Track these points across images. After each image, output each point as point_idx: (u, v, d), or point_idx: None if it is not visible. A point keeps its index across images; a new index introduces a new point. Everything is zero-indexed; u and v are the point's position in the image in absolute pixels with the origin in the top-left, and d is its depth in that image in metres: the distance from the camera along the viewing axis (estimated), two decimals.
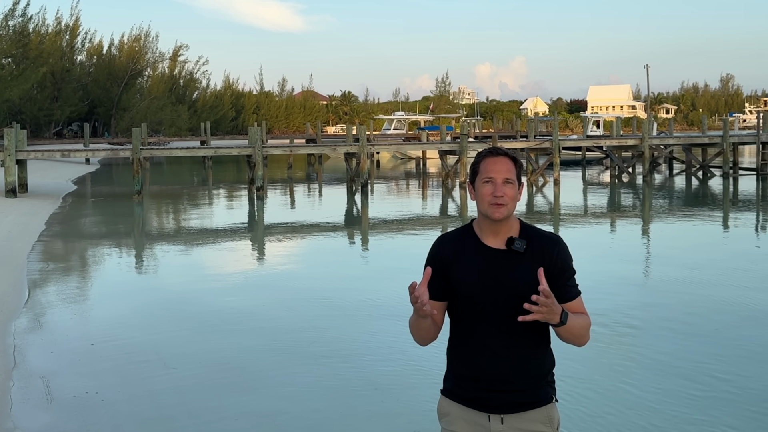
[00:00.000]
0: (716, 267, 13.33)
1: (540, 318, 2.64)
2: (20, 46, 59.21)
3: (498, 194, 2.79)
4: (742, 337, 8.63)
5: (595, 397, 6.75)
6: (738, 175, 34.73)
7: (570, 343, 2.84)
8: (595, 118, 61.36)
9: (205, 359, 8.03)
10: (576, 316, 2.79)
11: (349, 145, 32.89)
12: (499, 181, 2.80)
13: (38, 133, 63.85)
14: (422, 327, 2.85)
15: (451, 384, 2.92)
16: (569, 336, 2.78)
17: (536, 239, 2.84)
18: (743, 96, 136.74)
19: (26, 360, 8.01)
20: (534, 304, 2.61)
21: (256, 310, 10.32)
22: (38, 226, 19.63)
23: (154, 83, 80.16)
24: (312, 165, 49.21)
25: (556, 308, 2.65)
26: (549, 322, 2.68)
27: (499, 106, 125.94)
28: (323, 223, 21.39)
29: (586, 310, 2.88)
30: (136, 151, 27.97)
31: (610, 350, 8.09)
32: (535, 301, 2.60)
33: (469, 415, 2.85)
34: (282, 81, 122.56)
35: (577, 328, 2.78)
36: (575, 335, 2.79)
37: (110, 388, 7.10)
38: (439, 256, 2.89)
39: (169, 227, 21.84)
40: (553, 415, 2.88)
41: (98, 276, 13.94)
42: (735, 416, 6.30)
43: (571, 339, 2.80)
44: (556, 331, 2.76)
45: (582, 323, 2.81)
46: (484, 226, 2.87)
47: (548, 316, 2.65)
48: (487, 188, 2.81)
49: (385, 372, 7.52)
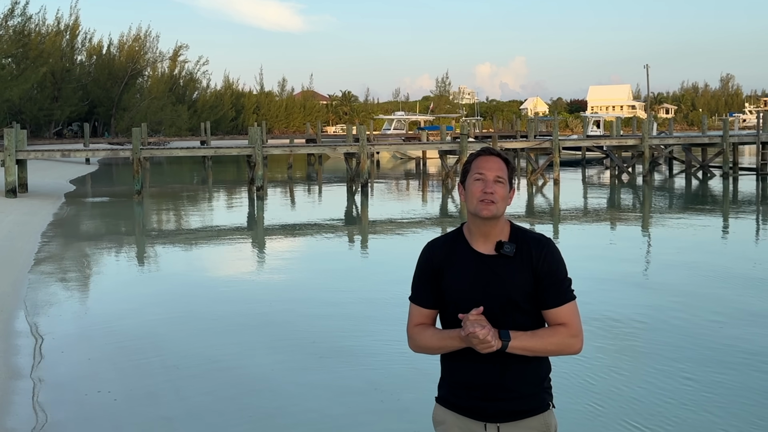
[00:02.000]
0: (716, 267, 13.32)
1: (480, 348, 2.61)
2: (20, 46, 59.24)
3: (488, 191, 2.73)
4: (742, 337, 8.62)
5: (594, 396, 6.75)
6: (738, 175, 34.73)
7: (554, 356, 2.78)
8: (595, 118, 61.40)
9: (205, 359, 8.02)
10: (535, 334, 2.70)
11: (349, 145, 32.89)
12: (490, 179, 2.75)
13: (38, 133, 63.87)
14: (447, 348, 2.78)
15: (446, 392, 2.87)
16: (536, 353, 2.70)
17: (525, 242, 2.78)
18: (743, 96, 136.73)
19: (27, 360, 8.00)
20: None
21: (256, 310, 10.32)
22: (38, 226, 19.63)
23: (154, 83, 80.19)
24: (312, 165, 49.20)
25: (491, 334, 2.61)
26: (490, 350, 2.62)
27: (499, 106, 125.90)
28: (323, 223, 21.39)
29: (573, 319, 2.75)
30: (136, 151, 27.98)
31: (610, 350, 8.08)
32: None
33: (465, 424, 2.80)
34: (282, 81, 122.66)
35: (539, 345, 2.68)
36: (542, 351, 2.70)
37: (110, 388, 7.10)
38: (430, 263, 2.84)
39: (169, 227, 21.84)
40: (550, 423, 2.82)
41: (98, 276, 13.94)
42: (735, 416, 6.30)
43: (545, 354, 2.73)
44: (513, 353, 2.67)
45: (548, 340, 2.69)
46: (474, 229, 2.81)
47: (485, 346, 2.61)
48: (477, 185, 2.76)
49: (385, 372, 7.52)
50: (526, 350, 2.67)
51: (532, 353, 2.69)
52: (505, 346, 2.63)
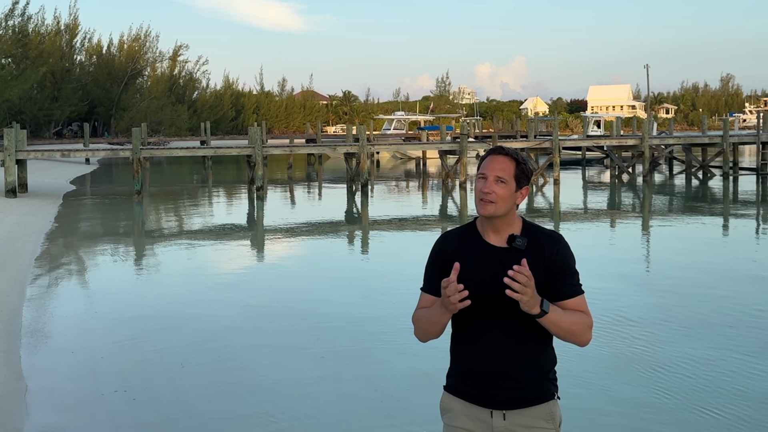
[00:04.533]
0: (716, 267, 13.33)
1: (519, 299, 2.61)
2: (20, 46, 59.23)
3: (485, 191, 2.81)
4: (742, 337, 8.63)
5: (594, 396, 6.75)
6: (738, 175, 34.75)
7: (569, 341, 2.81)
8: (595, 118, 61.39)
9: (205, 359, 8.03)
10: (565, 312, 2.76)
11: (349, 145, 32.89)
12: (490, 179, 2.83)
13: (38, 133, 63.86)
14: (437, 322, 2.83)
15: (454, 380, 2.94)
16: (560, 332, 2.74)
17: (537, 237, 2.85)
18: (743, 96, 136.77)
19: (28, 360, 8.00)
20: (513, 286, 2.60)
21: (256, 310, 10.32)
22: (38, 225, 19.63)
23: (153, 83, 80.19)
24: (312, 165, 49.22)
25: (535, 297, 2.64)
26: (529, 311, 2.65)
27: (499, 106, 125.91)
28: (323, 223, 21.39)
29: (587, 309, 2.85)
30: (136, 151, 27.98)
31: (610, 350, 8.08)
32: (513, 277, 2.59)
33: (471, 411, 2.87)
34: (282, 81, 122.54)
35: (567, 323, 2.74)
36: (566, 330, 2.74)
37: (111, 388, 7.10)
38: (443, 253, 2.91)
39: (169, 227, 21.83)
40: (555, 412, 2.88)
41: (98, 276, 13.93)
42: (735, 416, 6.30)
43: (566, 335, 2.77)
44: (543, 324, 2.72)
45: (574, 319, 2.77)
46: (485, 223, 2.89)
47: (527, 301, 2.62)
48: (479, 184, 2.86)
49: (385, 372, 7.52)
50: (556, 325, 2.72)
51: (557, 330, 2.74)
52: (542, 314, 2.68)
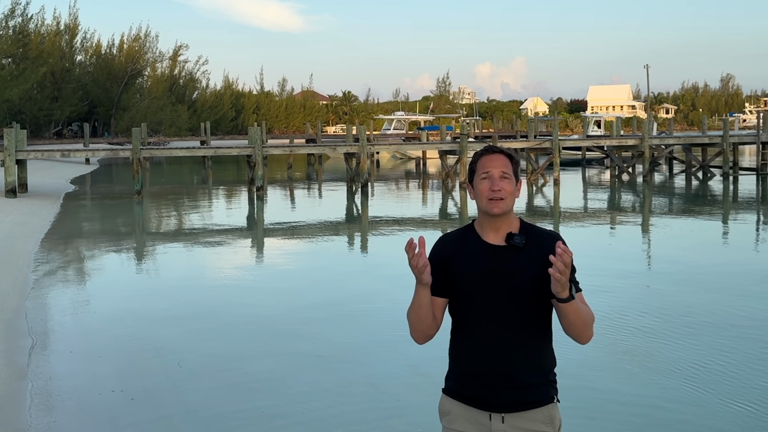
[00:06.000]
0: (716, 267, 13.33)
1: (559, 279, 2.60)
2: (20, 46, 59.22)
3: (495, 188, 2.83)
4: (742, 337, 8.63)
5: (595, 396, 6.74)
6: (738, 175, 34.74)
7: (574, 334, 2.77)
8: (595, 118, 61.37)
9: (205, 359, 8.03)
10: (581, 303, 2.77)
11: (349, 145, 32.88)
12: (496, 176, 2.85)
13: (38, 133, 63.86)
14: (422, 313, 2.82)
15: (453, 383, 2.93)
16: (577, 320, 2.73)
17: (535, 235, 2.86)
18: (743, 96, 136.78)
19: (28, 360, 8.00)
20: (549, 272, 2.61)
21: (256, 310, 10.32)
22: (38, 226, 19.62)
23: (153, 83, 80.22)
24: (312, 165, 49.21)
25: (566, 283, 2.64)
26: (559, 294, 2.65)
27: (499, 106, 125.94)
28: (323, 223, 21.38)
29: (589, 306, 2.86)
30: (136, 151, 27.98)
31: (610, 350, 8.08)
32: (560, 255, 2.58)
33: (470, 414, 2.85)
34: (282, 81, 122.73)
35: (584, 313, 2.75)
36: (582, 320, 2.74)
37: (111, 388, 7.10)
38: (440, 253, 2.92)
39: (169, 227, 21.83)
40: (555, 416, 2.86)
41: (98, 276, 13.93)
42: (736, 416, 6.30)
43: (581, 325, 2.75)
44: (564, 310, 2.70)
45: (588, 311, 2.79)
46: (484, 224, 2.90)
47: (564, 283, 2.62)
48: (485, 184, 2.86)
49: (384, 372, 7.52)
50: (576, 313, 2.73)
51: (575, 317, 2.73)
52: (569, 299, 2.68)
